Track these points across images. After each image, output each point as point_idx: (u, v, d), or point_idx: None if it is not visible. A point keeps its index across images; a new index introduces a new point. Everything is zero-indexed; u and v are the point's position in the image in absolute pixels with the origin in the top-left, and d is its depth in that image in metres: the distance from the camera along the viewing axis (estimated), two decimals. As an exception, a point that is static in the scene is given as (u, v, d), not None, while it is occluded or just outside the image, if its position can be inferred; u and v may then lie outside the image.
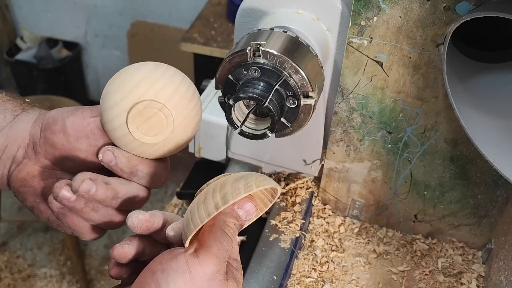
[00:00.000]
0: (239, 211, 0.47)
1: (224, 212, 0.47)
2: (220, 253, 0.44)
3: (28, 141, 0.52)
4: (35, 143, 0.52)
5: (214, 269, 0.43)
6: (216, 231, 0.45)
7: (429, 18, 0.63)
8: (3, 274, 2.11)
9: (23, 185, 0.52)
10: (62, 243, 2.23)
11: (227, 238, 0.45)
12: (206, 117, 0.88)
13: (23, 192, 0.53)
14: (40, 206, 0.54)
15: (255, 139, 0.60)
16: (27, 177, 0.52)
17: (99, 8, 2.51)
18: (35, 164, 0.52)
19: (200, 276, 0.43)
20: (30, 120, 0.52)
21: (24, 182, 0.52)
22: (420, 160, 0.76)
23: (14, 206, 2.36)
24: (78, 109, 0.51)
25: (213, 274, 0.43)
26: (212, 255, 0.44)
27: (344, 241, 0.85)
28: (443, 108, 0.70)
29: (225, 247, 0.45)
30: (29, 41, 2.69)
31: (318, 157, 0.86)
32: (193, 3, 2.22)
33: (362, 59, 0.69)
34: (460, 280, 0.79)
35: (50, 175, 0.53)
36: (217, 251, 0.44)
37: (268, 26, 0.67)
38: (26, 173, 0.52)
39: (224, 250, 0.44)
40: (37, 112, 0.53)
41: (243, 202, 0.47)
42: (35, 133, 0.52)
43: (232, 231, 0.46)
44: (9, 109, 0.53)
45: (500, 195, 0.76)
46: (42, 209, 0.54)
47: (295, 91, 0.58)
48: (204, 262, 0.43)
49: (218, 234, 0.45)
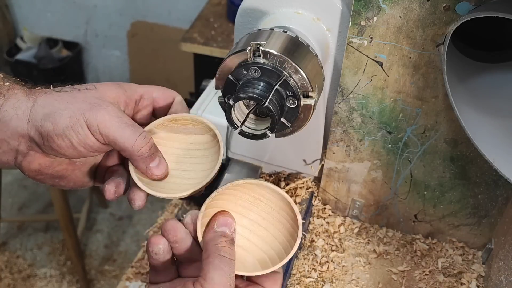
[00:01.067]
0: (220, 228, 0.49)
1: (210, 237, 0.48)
2: (223, 280, 0.45)
3: (28, 139, 0.51)
4: (40, 145, 0.51)
5: None
6: (213, 259, 0.47)
7: (429, 18, 0.63)
8: (3, 274, 2.11)
9: (38, 173, 0.53)
10: (62, 243, 2.23)
11: (225, 260, 0.47)
12: (206, 117, 0.88)
13: (40, 179, 0.54)
14: (61, 183, 0.55)
15: (255, 139, 0.60)
16: (40, 168, 0.53)
17: (99, 8, 2.51)
18: (45, 157, 0.52)
19: None
20: (21, 118, 0.50)
21: (39, 172, 0.53)
22: (420, 160, 0.76)
23: (14, 206, 2.37)
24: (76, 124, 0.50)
25: None
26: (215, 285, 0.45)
27: (344, 241, 0.85)
28: (443, 108, 0.70)
29: (227, 271, 0.46)
30: (29, 41, 2.69)
31: (318, 157, 0.86)
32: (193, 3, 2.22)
33: (362, 59, 0.69)
34: (460, 280, 0.79)
35: (63, 161, 0.54)
36: (219, 279, 0.45)
37: (268, 26, 0.67)
38: (39, 165, 0.53)
39: (226, 275, 0.46)
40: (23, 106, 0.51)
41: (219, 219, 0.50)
42: (35, 137, 0.51)
43: (228, 250, 0.47)
44: None
45: (500, 195, 0.76)
46: (63, 184, 0.56)
47: (295, 91, 0.58)
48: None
49: (216, 262, 0.46)
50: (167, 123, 0.57)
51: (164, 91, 0.59)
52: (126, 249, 2.26)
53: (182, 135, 0.58)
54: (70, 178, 0.56)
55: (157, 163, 0.53)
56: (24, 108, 0.51)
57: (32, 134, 0.51)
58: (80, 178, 0.57)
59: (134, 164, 0.53)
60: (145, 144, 0.52)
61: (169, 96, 0.59)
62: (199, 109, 0.88)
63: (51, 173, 0.54)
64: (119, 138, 0.50)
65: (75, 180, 0.57)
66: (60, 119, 0.50)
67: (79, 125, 0.50)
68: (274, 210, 0.55)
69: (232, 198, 0.55)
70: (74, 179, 0.56)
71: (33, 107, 0.51)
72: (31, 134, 0.51)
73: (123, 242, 2.29)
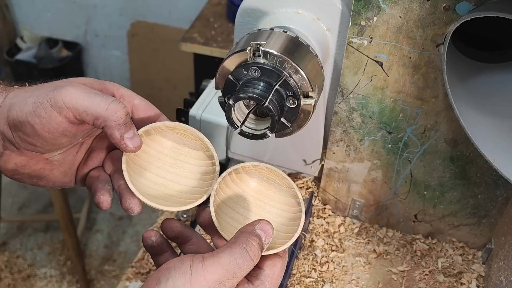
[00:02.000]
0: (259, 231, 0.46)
1: (246, 230, 0.45)
2: (230, 266, 0.42)
3: (1, 136, 0.50)
4: (11, 141, 0.50)
5: (217, 279, 0.42)
6: (235, 247, 0.44)
7: (429, 18, 0.63)
8: (3, 274, 2.11)
9: (15, 173, 0.52)
10: (62, 243, 2.23)
11: (245, 256, 0.43)
12: (206, 117, 0.88)
13: (18, 178, 0.53)
14: (39, 182, 0.54)
15: (255, 139, 0.60)
16: (16, 167, 0.52)
17: (99, 8, 2.51)
18: (20, 155, 0.51)
19: (200, 281, 0.42)
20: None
21: (15, 172, 0.52)
22: (420, 160, 0.76)
23: (14, 206, 2.37)
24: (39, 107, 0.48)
25: (214, 283, 0.42)
26: (218, 265, 0.42)
27: (344, 241, 0.85)
28: (443, 108, 0.70)
29: (240, 263, 0.43)
30: (29, 41, 2.69)
31: (318, 157, 0.86)
32: (193, 3, 2.22)
33: (362, 59, 0.69)
34: (460, 280, 0.79)
35: (39, 159, 0.52)
36: (227, 263, 0.42)
37: (268, 26, 0.67)
38: (15, 164, 0.51)
39: (236, 265, 0.43)
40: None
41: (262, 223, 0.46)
42: (5, 131, 0.49)
43: (255, 251, 0.44)
44: None
45: (500, 195, 0.76)
46: (42, 183, 0.54)
47: (295, 91, 0.58)
48: (207, 269, 0.42)
49: (236, 250, 0.43)
50: (165, 129, 0.56)
51: (147, 104, 0.56)
52: (126, 249, 2.26)
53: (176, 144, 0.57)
54: (49, 178, 0.54)
55: (131, 134, 0.49)
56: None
57: (2, 129, 0.49)
58: (59, 178, 0.55)
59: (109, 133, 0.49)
60: (120, 109, 0.48)
61: (152, 110, 0.56)
62: (199, 109, 0.88)
63: (28, 173, 0.52)
64: (90, 105, 0.47)
65: (54, 180, 0.55)
66: (24, 106, 0.48)
67: (42, 107, 0.47)
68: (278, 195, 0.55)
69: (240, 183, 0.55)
70: (53, 179, 0.55)
71: (3, 102, 0.50)
72: (1, 129, 0.49)
73: (123, 242, 2.29)
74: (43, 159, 0.53)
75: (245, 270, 0.43)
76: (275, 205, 0.56)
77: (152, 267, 0.87)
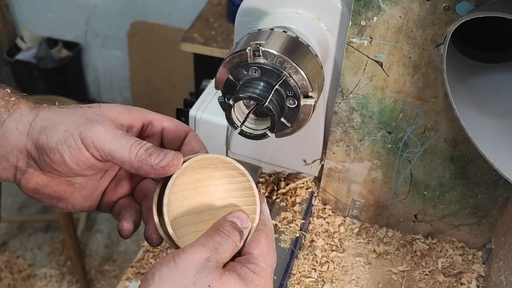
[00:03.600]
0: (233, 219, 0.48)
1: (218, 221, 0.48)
2: (209, 244, 0.44)
3: (26, 154, 0.50)
4: (36, 161, 0.50)
5: (201, 256, 0.43)
6: (210, 232, 0.46)
7: (429, 18, 0.63)
8: (3, 274, 2.11)
9: (35, 192, 0.52)
10: (62, 243, 2.23)
11: (219, 233, 0.46)
12: (206, 117, 0.88)
13: (38, 197, 0.53)
14: (59, 204, 0.54)
15: (255, 139, 0.60)
16: (37, 187, 0.52)
17: (99, 8, 2.51)
18: (43, 175, 0.51)
19: (184, 263, 0.43)
20: (22, 132, 0.50)
21: (36, 191, 0.52)
22: (420, 160, 0.76)
23: (14, 206, 2.37)
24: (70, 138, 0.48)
25: (199, 261, 0.43)
26: (198, 245, 0.44)
27: (344, 241, 0.85)
28: (443, 108, 0.70)
29: (217, 240, 0.45)
30: (29, 41, 2.69)
31: (318, 157, 0.86)
32: (193, 3, 2.22)
33: (362, 59, 0.69)
34: (460, 280, 0.79)
35: (61, 181, 0.52)
36: (205, 242, 0.44)
37: (268, 26, 0.67)
38: (36, 183, 0.51)
39: (214, 242, 0.45)
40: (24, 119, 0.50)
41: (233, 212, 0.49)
42: (31, 151, 0.50)
43: (228, 228, 0.46)
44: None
45: (500, 195, 0.76)
46: (62, 205, 0.54)
47: (295, 91, 0.58)
48: (188, 250, 0.43)
49: (209, 232, 0.46)
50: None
51: (176, 123, 0.56)
52: (126, 249, 2.26)
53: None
54: (69, 200, 0.54)
55: (161, 157, 0.49)
56: (25, 122, 0.50)
57: (29, 148, 0.50)
58: (80, 202, 0.55)
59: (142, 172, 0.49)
60: (140, 148, 0.49)
61: (181, 130, 0.56)
62: (199, 109, 0.88)
63: (48, 193, 0.52)
64: (115, 149, 0.48)
65: (74, 203, 0.55)
66: (55, 133, 0.49)
67: (73, 139, 0.48)
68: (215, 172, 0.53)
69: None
70: (73, 202, 0.54)
71: (33, 121, 0.50)
72: (28, 148, 0.50)
73: (123, 242, 2.29)
74: (65, 181, 0.53)
75: (225, 246, 0.45)
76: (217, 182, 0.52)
77: (152, 267, 0.87)
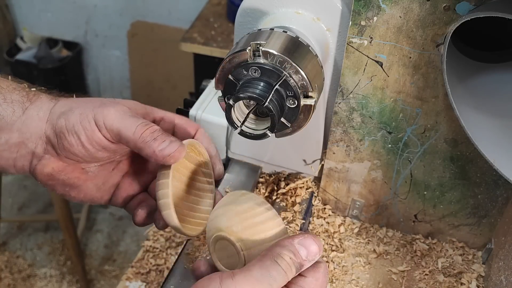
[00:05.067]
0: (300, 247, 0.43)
1: (281, 244, 0.43)
2: (263, 278, 0.40)
3: (45, 139, 0.53)
4: (54, 146, 0.52)
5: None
6: (266, 260, 0.41)
7: (429, 18, 0.63)
8: (3, 274, 2.11)
9: (50, 178, 0.54)
10: (62, 243, 2.23)
11: (277, 268, 0.41)
12: (206, 117, 0.88)
13: (52, 184, 0.55)
14: (71, 192, 0.56)
15: (255, 139, 0.60)
16: (53, 172, 0.54)
17: (99, 8, 2.51)
18: (59, 161, 0.53)
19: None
20: (42, 118, 0.53)
21: (51, 177, 0.54)
22: (420, 160, 0.77)
23: (14, 206, 2.37)
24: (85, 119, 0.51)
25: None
26: (250, 277, 0.40)
27: (344, 241, 0.85)
28: (443, 108, 0.70)
29: (274, 276, 0.40)
30: (29, 41, 2.69)
31: (318, 157, 0.86)
32: (193, 3, 2.22)
33: (362, 59, 0.69)
34: (460, 280, 0.79)
35: (76, 167, 0.55)
36: (259, 276, 0.40)
37: (268, 26, 0.67)
38: (52, 169, 0.53)
39: (269, 277, 0.40)
40: (45, 106, 0.53)
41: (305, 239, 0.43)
42: (50, 136, 0.52)
43: (286, 264, 0.41)
44: (17, 101, 0.53)
45: (500, 195, 0.76)
46: (74, 194, 0.56)
47: (295, 91, 0.58)
48: (238, 282, 0.39)
49: (266, 263, 0.41)
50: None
51: (187, 121, 0.60)
52: (126, 249, 2.26)
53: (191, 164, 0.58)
54: (81, 188, 0.56)
55: (165, 145, 0.50)
56: (45, 109, 0.53)
57: (48, 133, 0.52)
58: (91, 191, 0.57)
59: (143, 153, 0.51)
60: (146, 129, 0.51)
61: (192, 126, 0.60)
62: (199, 109, 0.88)
63: (62, 179, 0.54)
64: (122, 127, 0.50)
65: (86, 191, 0.56)
66: (72, 116, 0.51)
67: (87, 120, 0.51)
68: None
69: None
70: (85, 191, 0.56)
71: (53, 108, 0.53)
72: (48, 133, 0.52)
73: (123, 242, 2.29)
74: (79, 168, 0.55)
75: (279, 282, 0.41)
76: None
77: (152, 267, 0.87)
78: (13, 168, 0.54)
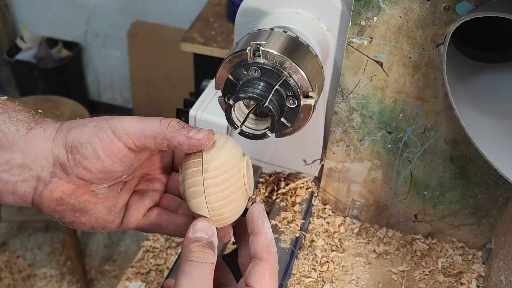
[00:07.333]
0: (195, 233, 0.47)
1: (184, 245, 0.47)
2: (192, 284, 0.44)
3: (52, 161, 0.50)
4: (64, 165, 0.50)
5: None
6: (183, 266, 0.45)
7: (429, 18, 0.63)
8: (3, 274, 2.11)
9: (59, 204, 0.51)
10: (62, 243, 2.23)
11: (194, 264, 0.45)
12: (206, 117, 0.88)
13: (61, 210, 0.52)
14: (82, 218, 0.53)
15: (255, 139, 0.60)
16: (62, 196, 0.51)
17: (99, 8, 2.51)
18: (68, 183, 0.51)
19: None
20: (48, 137, 0.50)
21: (61, 201, 0.51)
22: (420, 160, 0.76)
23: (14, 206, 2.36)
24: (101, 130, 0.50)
25: None
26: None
27: (344, 241, 0.85)
28: (443, 108, 0.70)
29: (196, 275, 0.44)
30: (29, 41, 2.69)
31: (318, 157, 0.86)
32: (193, 3, 2.22)
33: (362, 59, 0.69)
34: (460, 280, 0.79)
35: (86, 190, 0.52)
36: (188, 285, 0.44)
37: (268, 26, 0.67)
38: (61, 192, 0.51)
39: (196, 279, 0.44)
40: (51, 126, 0.51)
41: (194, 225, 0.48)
42: (59, 155, 0.50)
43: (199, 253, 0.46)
44: (22, 120, 0.51)
45: (500, 195, 0.76)
46: (84, 220, 0.53)
47: (295, 91, 0.58)
48: None
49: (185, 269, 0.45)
50: None
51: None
52: (126, 249, 2.26)
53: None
54: (92, 212, 0.53)
55: (195, 131, 0.50)
56: (52, 128, 0.51)
57: (57, 152, 0.50)
58: (102, 215, 0.54)
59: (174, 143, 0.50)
60: (171, 120, 0.50)
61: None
62: (199, 109, 0.88)
63: (73, 204, 0.52)
64: (145, 127, 0.49)
65: (97, 215, 0.54)
66: (85, 129, 0.50)
67: (103, 131, 0.49)
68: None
69: None
70: (97, 214, 0.54)
71: (60, 127, 0.51)
72: (55, 153, 0.50)
73: (123, 242, 2.29)
74: (89, 191, 0.53)
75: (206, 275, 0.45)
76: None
77: (152, 267, 0.87)
78: (11, 194, 0.50)
